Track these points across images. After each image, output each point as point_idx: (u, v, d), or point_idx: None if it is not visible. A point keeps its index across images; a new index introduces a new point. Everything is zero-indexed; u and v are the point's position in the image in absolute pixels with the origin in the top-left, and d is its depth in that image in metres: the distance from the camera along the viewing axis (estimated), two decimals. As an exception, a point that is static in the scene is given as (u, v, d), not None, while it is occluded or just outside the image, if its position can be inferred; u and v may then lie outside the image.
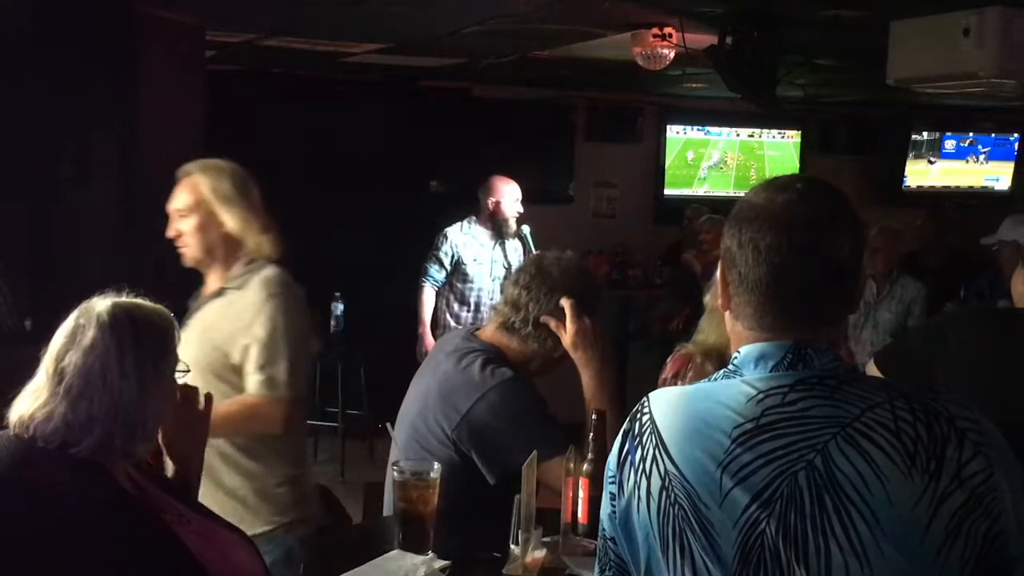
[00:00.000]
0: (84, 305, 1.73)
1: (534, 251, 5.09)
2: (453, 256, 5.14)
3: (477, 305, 5.16)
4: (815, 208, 1.28)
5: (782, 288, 1.26)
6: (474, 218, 5.22)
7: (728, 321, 1.34)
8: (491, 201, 5.13)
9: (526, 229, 5.21)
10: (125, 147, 3.83)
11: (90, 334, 1.66)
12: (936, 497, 1.14)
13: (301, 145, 6.45)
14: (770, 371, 1.25)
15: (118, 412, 1.64)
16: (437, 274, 5.17)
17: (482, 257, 5.18)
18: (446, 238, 5.16)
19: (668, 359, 2.75)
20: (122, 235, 3.83)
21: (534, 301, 2.33)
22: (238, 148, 6.37)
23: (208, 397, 1.98)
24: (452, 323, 5.17)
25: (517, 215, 5.15)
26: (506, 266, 5.17)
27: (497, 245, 5.18)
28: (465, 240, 5.17)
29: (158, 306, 1.78)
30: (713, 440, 1.23)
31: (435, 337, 5.17)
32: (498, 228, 5.16)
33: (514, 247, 5.22)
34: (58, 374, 1.65)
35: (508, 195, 5.14)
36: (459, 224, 5.20)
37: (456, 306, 5.20)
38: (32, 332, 3.64)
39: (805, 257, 1.25)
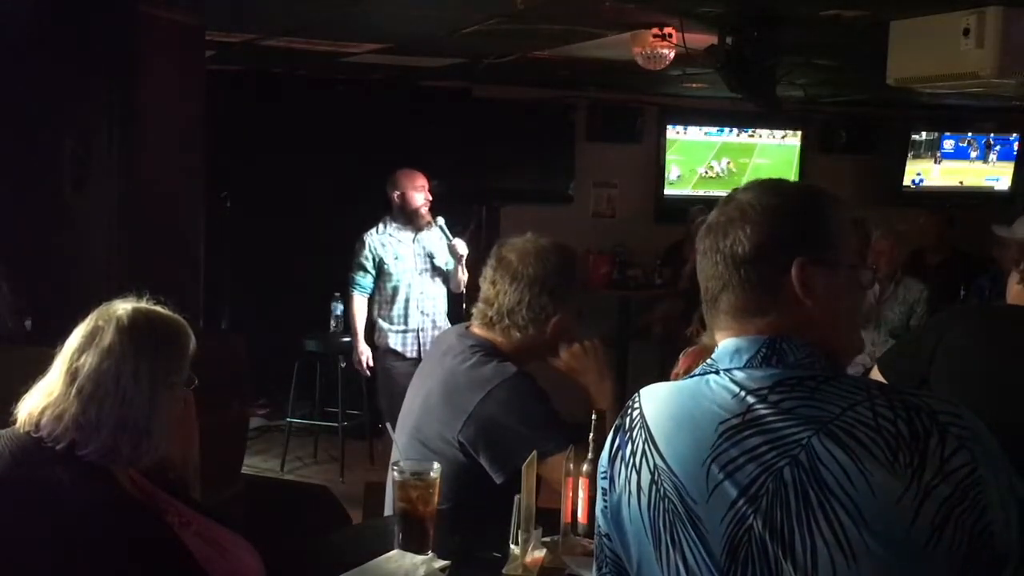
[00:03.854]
0: (104, 307, 1.71)
1: (451, 240, 5.10)
2: (375, 259, 5.09)
3: (407, 301, 5.10)
4: (725, 210, 1.34)
5: (706, 286, 1.35)
6: (388, 217, 5.16)
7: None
8: (396, 194, 5.09)
9: (440, 220, 5.15)
10: (125, 147, 3.82)
11: (108, 337, 1.65)
12: (920, 492, 1.14)
13: (301, 145, 6.46)
14: (745, 364, 1.28)
15: (126, 420, 1.63)
16: (364, 280, 5.12)
17: (403, 253, 5.11)
18: (363, 243, 5.10)
19: (680, 354, 2.75)
20: (122, 235, 3.83)
21: (502, 293, 2.33)
22: (238, 148, 6.45)
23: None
24: (384, 325, 5.10)
25: (426, 203, 5.10)
26: (429, 256, 5.14)
27: (417, 238, 5.12)
28: (384, 240, 5.10)
29: (176, 315, 1.76)
30: (700, 435, 1.25)
31: (371, 341, 5.14)
32: (411, 221, 5.10)
33: (437, 236, 5.15)
34: (71, 373, 1.64)
35: (411, 186, 5.08)
36: (376, 226, 5.14)
37: (386, 307, 5.12)
38: (32, 332, 3.64)
39: (713, 256, 1.33)
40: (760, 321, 1.30)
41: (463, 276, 5.17)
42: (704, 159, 7.93)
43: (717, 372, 1.30)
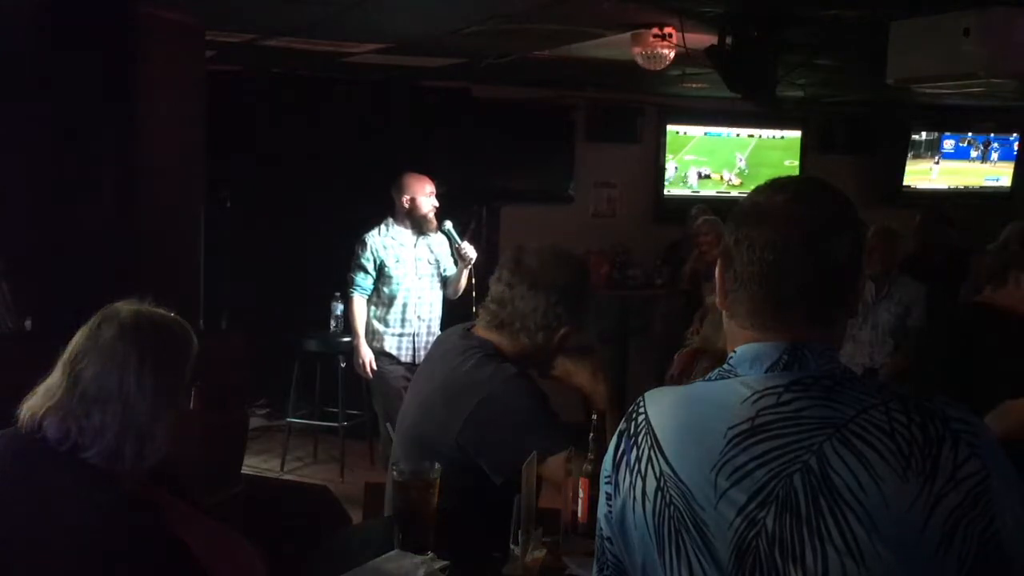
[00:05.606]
0: (107, 309, 1.70)
1: (460, 244, 5.03)
2: (376, 261, 5.00)
3: (404, 306, 5.01)
4: (813, 209, 1.28)
5: (776, 287, 1.26)
6: (392, 219, 5.06)
7: (724, 319, 1.35)
8: (405, 199, 4.99)
9: (448, 224, 5.07)
10: (125, 147, 3.83)
11: (111, 340, 1.64)
12: (931, 499, 1.14)
13: (301, 145, 6.46)
14: (765, 371, 1.25)
15: (129, 424, 1.62)
16: (364, 282, 5.02)
17: (404, 256, 5.01)
18: (365, 244, 5.00)
19: (675, 355, 2.76)
20: (122, 235, 3.83)
21: (519, 297, 2.33)
22: (238, 148, 6.44)
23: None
24: (379, 327, 5.02)
25: (434, 209, 5.01)
26: (432, 262, 5.06)
27: (419, 242, 5.04)
28: (385, 243, 5.00)
29: (178, 318, 1.75)
30: (708, 441, 1.23)
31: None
32: (417, 225, 5.01)
33: (439, 242, 5.08)
34: (74, 376, 1.63)
35: (421, 191, 4.99)
36: (378, 228, 5.04)
37: (383, 309, 5.03)
38: (32, 332, 3.64)
39: (800, 257, 1.25)
40: (823, 332, 1.27)
41: (463, 283, 5.14)
42: (734, 159, 7.91)
43: (734, 377, 1.27)
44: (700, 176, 7.87)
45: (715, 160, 7.89)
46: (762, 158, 7.96)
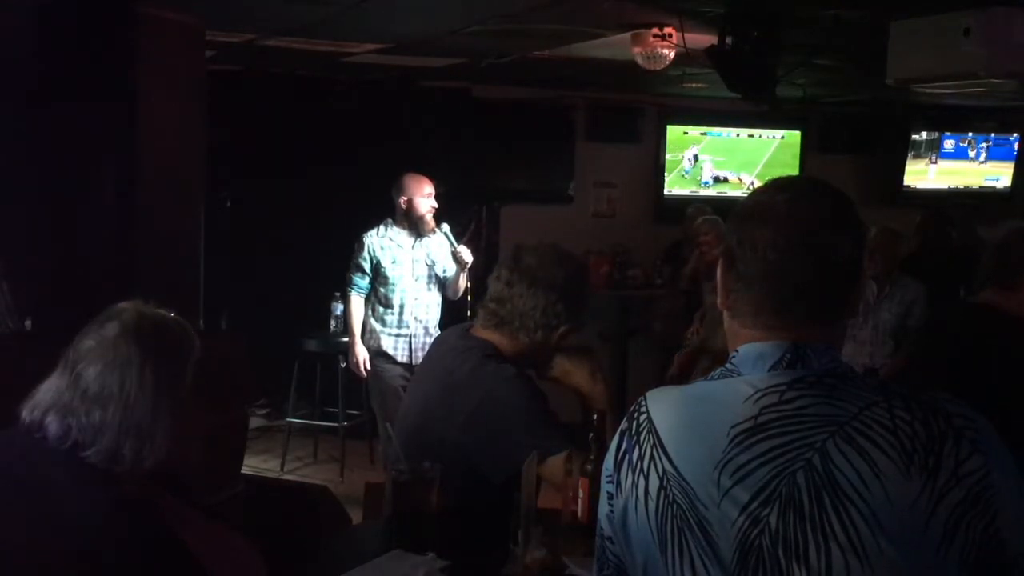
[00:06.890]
0: (110, 309, 1.70)
1: (456, 247, 5.02)
2: (372, 261, 4.99)
3: (401, 307, 4.99)
4: (815, 208, 1.29)
5: (777, 287, 1.27)
6: (391, 220, 5.06)
7: (726, 319, 1.35)
8: (403, 199, 4.98)
9: (445, 227, 5.04)
10: (125, 147, 3.82)
11: (114, 341, 1.64)
12: (934, 495, 1.14)
13: (301, 145, 6.46)
14: (768, 370, 1.25)
15: (130, 424, 1.63)
16: (361, 281, 5.02)
17: (401, 258, 5.01)
18: (362, 244, 5.01)
19: (675, 355, 2.77)
20: (122, 236, 3.83)
21: (518, 295, 2.33)
22: (238, 148, 6.44)
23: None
24: (377, 326, 5.02)
25: (432, 210, 5.00)
26: (429, 263, 5.03)
27: (416, 244, 5.02)
28: (382, 243, 5.01)
29: (180, 319, 1.76)
30: (711, 440, 1.23)
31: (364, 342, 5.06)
32: (414, 226, 4.99)
33: (439, 243, 5.05)
34: (76, 376, 1.63)
35: (419, 191, 4.98)
36: (376, 228, 5.04)
37: (380, 309, 5.03)
38: (32, 332, 3.64)
39: (802, 255, 1.26)
40: (824, 331, 1.27)
41: (462, 284, 5.15)
42: (755, 163, 7.89)
43: (736, 376, 1.27)
44: (717, 179, 7.86)
45: (733, 162, 7.88)
46: (777, 159, 7.97)
